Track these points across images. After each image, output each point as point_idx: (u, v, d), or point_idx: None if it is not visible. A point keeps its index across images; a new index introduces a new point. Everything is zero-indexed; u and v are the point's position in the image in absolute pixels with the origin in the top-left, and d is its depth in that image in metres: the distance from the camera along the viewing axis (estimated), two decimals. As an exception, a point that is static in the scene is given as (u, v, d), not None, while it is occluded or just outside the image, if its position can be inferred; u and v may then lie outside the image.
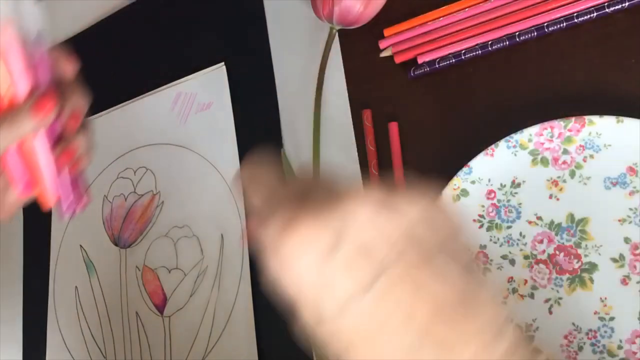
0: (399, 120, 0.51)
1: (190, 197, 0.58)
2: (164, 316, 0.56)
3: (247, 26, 0.61)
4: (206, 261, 0.55)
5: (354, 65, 0.54)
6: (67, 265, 0.64)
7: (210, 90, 0.59)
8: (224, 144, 0.57)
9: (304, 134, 0.55)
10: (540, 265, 0.43)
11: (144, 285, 0.58)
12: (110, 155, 0.65)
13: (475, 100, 0.48)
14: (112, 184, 0.64)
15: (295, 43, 0.57)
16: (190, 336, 0.54)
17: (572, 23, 0.46)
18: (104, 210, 0.63)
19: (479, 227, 0.45)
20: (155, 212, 0.60)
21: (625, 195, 0.41)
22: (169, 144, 0.61)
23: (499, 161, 0.44)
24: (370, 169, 0.50)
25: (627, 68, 0.44)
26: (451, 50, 0.49)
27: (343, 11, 0.51)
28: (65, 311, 0.63)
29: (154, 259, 0.58)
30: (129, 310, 0.58)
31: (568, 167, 0.43)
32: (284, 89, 0.57)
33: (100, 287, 0.61)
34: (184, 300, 0.56)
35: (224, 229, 0.55)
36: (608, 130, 0.42)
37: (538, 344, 0.42)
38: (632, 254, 0.40)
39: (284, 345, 0.50)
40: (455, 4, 0.50)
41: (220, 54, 0.61)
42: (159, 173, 0.61)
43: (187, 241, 0.57)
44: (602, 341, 0.40)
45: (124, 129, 0.65)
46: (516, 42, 0.47)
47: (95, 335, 0.60)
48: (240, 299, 0.52)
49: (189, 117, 0.60)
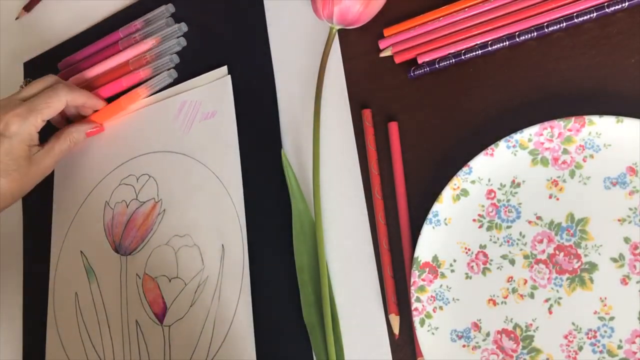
0: (399, 120, 0.51)
1: (192, 206, 0.58)
2: (164, 325, 0.56)
3: (247, 26, 0.61)
4: (207, 271, 0.55)
5: (354, 65, 0.54)
6: (68, 271, 0.64)
7: (215, 100, 0.59)
8: (227, 153, 0.57)
9: (304, 134, 0.55)
10: (540, 265, 0.43)
11: (144, 294, 0.58)
12: (113, 161, 0.65)
13: (475, 100, 0.48)
14: (114, 191, 0.64)
15: (295, 43, 0.57)
16: (190, 346, 0.54)
17: (572, 23, 0.46)
18: (105, 216, 0.63)
19: (479, 227, 0.45)
20: (156, 220, 0.60)
21: (625, 195, 0.41)
22: (172, 152, 0.61)
23: (499, 161, 0.44)
24: (370, 169, 0.50)
25: (627, 68, 0.44)
26: (451, 50, 0.49)
27: (343, 11, 0.51)
28: (64, 317, 0.63)
29: (155, 267, 0.58)
30: (128, 319, 0.58)
31: (568, 167, 0.43)
32: (284, 89, 0.57)
33: (101, 294, 0.61)
34: (184, 310, 0.55)
35: (225, 239, 0.55)
36: (608, 130, 0.42)
37: (538, 344, 0.42)
38: (632, 253, 0.40)
39: (283, 357, 0.50)
40: (455, 4, 0.50)
41: (220, 55, 0.61)
42: (161, 181, 0.61)
43: (188, 250, 0.57)
44: (602, 341, 0.40)
45: (127, 135, 0.65)
46: (516, 42, 0.47)
47: (94, 342, 0.60)
48: (240, 310, 0.52)
49: (193, 125, 0.60)
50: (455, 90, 0.49)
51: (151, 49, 0.65)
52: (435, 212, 0.45)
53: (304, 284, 0.50)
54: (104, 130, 0.66)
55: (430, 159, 0.49)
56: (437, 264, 0.45)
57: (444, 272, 0.45)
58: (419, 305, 0.45)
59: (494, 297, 0.44)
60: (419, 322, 0.44)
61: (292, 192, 0.52)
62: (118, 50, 0.67)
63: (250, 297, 0.52)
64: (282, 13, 0.59)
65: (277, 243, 0.53)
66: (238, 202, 0.55)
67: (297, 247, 0.51)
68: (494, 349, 0.43)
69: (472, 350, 0.44)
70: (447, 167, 0.47)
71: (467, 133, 0.48)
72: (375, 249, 0.49)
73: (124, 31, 0.67)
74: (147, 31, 0.66)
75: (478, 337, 0.44)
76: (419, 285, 0.45)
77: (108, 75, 0.67)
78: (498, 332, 0.43)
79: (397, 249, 0.48)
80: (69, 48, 0.73)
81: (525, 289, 0.43)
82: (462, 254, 0.45)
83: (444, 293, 0.45)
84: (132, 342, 0.57)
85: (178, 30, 0.64)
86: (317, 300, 0.49)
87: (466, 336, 0.44)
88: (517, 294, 0.43)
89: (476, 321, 0.44)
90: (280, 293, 0.52)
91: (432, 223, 0.45)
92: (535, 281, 0.43)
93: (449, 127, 0.49)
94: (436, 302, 0.45)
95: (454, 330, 0.44)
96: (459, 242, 0.45)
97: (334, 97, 0.54)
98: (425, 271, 0.45)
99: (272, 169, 0.55)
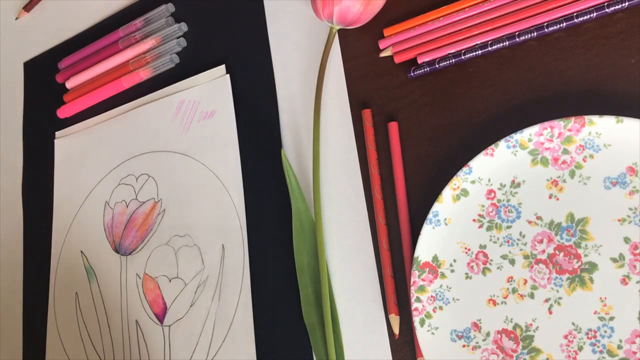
0: (399, 120, 0.51)
1: (191, 205, 0.58)
2: (164, 325, 0.56)
3: (247, 26, 0.61)
4: (207, 271, 0.55)
5: (354, 65, 0.54)
6: (67, 271, 0.64)
7: (214, 99, 0.59)
8: (226, 153, 0.57)
9: (304, 134, 0.55)
10: (540, 265, 0.43)
11: (144, 294, 0.58)
12: (113, 161, 0.65)
13: (475, 100, 0.48)
14: (114, 190, 0.64)
15: (295, 43, 0.58)
16: (190, 346, 0.54)
17: (572, 23, 0.46)
18: (105, 216, 0.63)
19: (479, 227, 0.45)
20: (156, 219, 0.60)
21: (625, 195, 0.41)
22: (172, 152, 0.61)
23: (499, 161, 0.44)
24: (370, 169, 0.50)
25: (627, 68, 0.44)
26: (451, 50, 0.49)
27: (343, 11, 0.51)
28: (65, 317, 0.63)
29: (155, 267, 0.58)
30: (129, 318, 0.58)
31: (568, 167, 0.43)
32: (284, 89, 0.57)
33: (101, 294, 0.61)
34: (184, 310, 0.55)
35: (225, 239, 0.55)
36: (608, 130, 0.42)
37: (538, 344, 0.42)
38: (632, 253, 0.40)
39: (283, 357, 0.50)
40: (455, 4, 0.50)
41: (220, 55, 0.61)
42: (160, 180, 0.61)
43: (188, 250, 0.57)
44: (602, 341, 0.40)
45: (126, 135, 0.65)
46: (516, 42, 0.47)
47: (94, 342, 0.60)
48: (240, 310, 0.52)
49: (191, 125, 0.60)
50: (455, 90, 0.49)
51: (151, 49, 0.65)
52: (435, 212, 0.45)
53: (304, 284, 0.50)
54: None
55: (430, 159, 0.49)
56: (437, 264, 0.45)
57: (444, 272, 0.45)
58: (419, 305, 0.45)
59: (494, 297, 0.44)
60: (419, 322, 0.44)
61: (292, 192, 0.52)
62: (118, 49, 0.67)
63: (250, 297, 0.52)
64: (282, 13, 0.59)
65: (277, 243, 0.53)
66: (238, 202, 0.55)
67: (297, 247, 0.51)
68: (494, 349, 0.43)
69: (472, 350, 0.44)
70: (447, 167, 0.47)
71: (467, 133, 0.48)
72: (375, 249, 0.49)
73: (124, 30, 0.67)
74: (147, 30, 0.66)
75: (478, 337, 0.44)
76: (419, 285, 0.45)
77: (108, 75, 0.67)
78: (498, 332, 0.43)
79: (397, 249, 0.48)
80: (69, 48, 0.73)
81: (525, 289, 0.43)
82: (462, 254, 0.45)
83: (444, 293, 0.45)
84: (132, 342, 0.57)
85: (178, 30, 0.64)
86: (317, 300, 0.49)
87: (466, 336, 0.44)
88: (517, 294, 0.43)
89: (476, 321, 0.44)
90: (280, 293, 0.52)
91: (432, 223, 0.45)
92: (535, 281, 0.43)
93: (449, 127, 0.49)
94: (436, 302, 0.45)
95: (454, 330, 0.44)
96: (459, 242, 0.45)
97: (334, 97, 0.54)
98: (425, 271, 0.45)
99: (272, 169, 0.55)
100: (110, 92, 0.67)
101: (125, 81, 0.65)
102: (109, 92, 0.67)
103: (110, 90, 0.67)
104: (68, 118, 0.70)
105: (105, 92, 0.67)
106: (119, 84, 0.66)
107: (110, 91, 0.67)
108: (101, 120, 0.67)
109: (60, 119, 0.71)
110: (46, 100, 0.73)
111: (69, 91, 0.70)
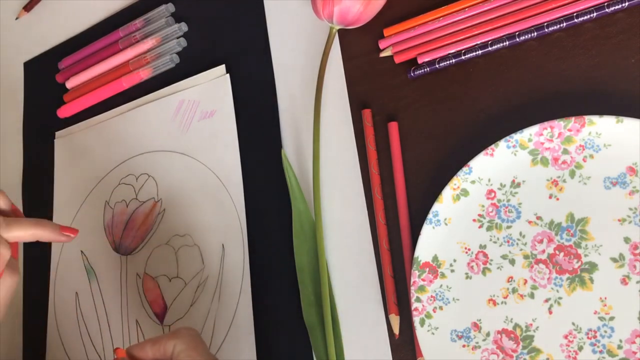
0: (399, 120, 0.51)
1: (191, 205, 0.58)
2: (164, 325, 0.56)
3: (247, 26, 0.61)
4: (207, 271, 0.55)
5: (354, 65, 0.54)
6: (68, 271, 0.64)
7: (214, 99, 0.59)
8: (226, 152, 0.57)
9: (304, 134, 0.55)
10: (540, 265, 0.43)
11: (144, 293, 0.58)
12: (113, 160, 0.65)
13: (475, 100, 0.48)
14: (114, 190, 0.64)
15: (295, 43, 0.57)
16: None
17: (572, 23, 0.46)
18: (106, 216, 0.63)
19: (479, 227, 0.45)
20: (156, 219, 0.60)
21: (625, 195, 0.41)
22: (172, 152, 0.61)
23: (499, 161, 0.44)
24: (370, 169, 0.50)
25: (627, 68, 0.44)
26: (451, 50, 0.49)
27: (343, 11, 0.51)
28: (65, 317, 0.63)
29: (155, 267, 0.58)
30: (129, 318, 0.58)
31: (568, 167, 0.43)
32: (284, 89, 0.57)
33: (101, 293, 0.61)
34: (184, 309, 0.55)
35: (225, 239, 0.55)
36: (608, 130, 0.42)
37: (538, 344, 0.42)
38: (632, 253, 0.40)
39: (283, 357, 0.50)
40: (455, 4, 0.50)
41: (220, 55, 0.61)
42: (160, 180, 0.61)
43: (188, 250, 0.57)
44: (602, 341, 0.40)
45: (126, 135, 0.64)
46: (516, 42, 0.47)
47: (94, 342, 0.60)
48: (240, 310, 0.52)
49: (191, 124, 0.60)
50: (455, 90, 0.49)
51: (151, 49, 0.65)
52: (435, 212, 0.45)
53: (304, 284, 0.50)
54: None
55: (430, 159, 0.49)
56: (437, 264, 0.45)
57: (444, 272, 0.45)
58: (419, 305, 0.45)
59: (494, 297, 0.44)
60: (419, 322, 0.44)
61: (292, 192, 0.52)
62: (118, 49, 0.67)
63: (251, 297, 0.52)
64: (282, 13, 0.59)
65: (277, 243, 0.53)
66: (238, 202, 0.55)
67: (297, 247, 0.51)
68: (494, 349, 0.43)
69: (472, 350, 0.44)
70: (447, 167, 0.47)
71: (467, 133, 0.48)
72: (375, 249, 0.49)
73: (124, 30, 0.67)
74: (147, 30, 0.66)
75: (478, 337, 0.44)
76: (419, 285, 0.45)
77: (108, 75, 0.67)
78: (498, 332, 0.43)
79: (397, 249, 0.48)
80: (69, 48, 0.73)
81: (525, 289, 0.43)
82: (462, 254, 0.45)
83: (444, 293, 0.45)
84: (133, 341, 0.57)
85: (178, 30, 0.64)
86: (317, 300, 0.49)
87: (466, 336, 0.44)
88: (517, 294, 0.43)
89: (476, 321, 0.44)
90: (280, 293, 0.52)
91: (432, 223, 0.45)
92: (535, 281, 0.43)
93: (448, 127, 0.49)
94: (436, 302, 0.45)
95: (454, 330, 0.44)
96: (459, 242, 0.45)
97: (334, 97, 0.54)
98: (425, 271, 0.45)
99: (272, 169, 0.55)
100: (110, 92, 0.67)
101: (125, 81, 0.65)
102: (109, 92, 0.67)
103: (110, 90, 0.67)
104: (68, 118, 0.70)
105: (105, 92, 0.67)
106: (119, 83, 0.66)
107: (110, 91, 0.67)
108: (101, 120, 0.67)
109: (60, 118, 0.71)
110: (46, 100, 0.73)
111: (69, 91, 0.70)
